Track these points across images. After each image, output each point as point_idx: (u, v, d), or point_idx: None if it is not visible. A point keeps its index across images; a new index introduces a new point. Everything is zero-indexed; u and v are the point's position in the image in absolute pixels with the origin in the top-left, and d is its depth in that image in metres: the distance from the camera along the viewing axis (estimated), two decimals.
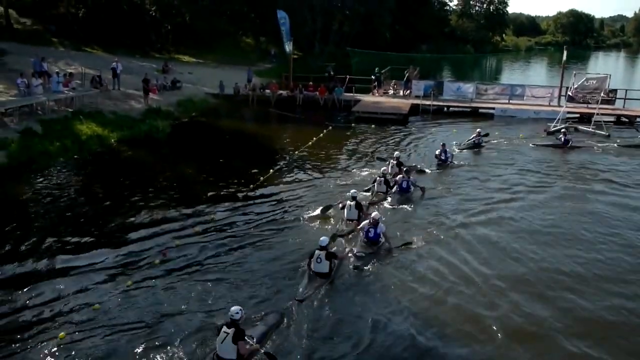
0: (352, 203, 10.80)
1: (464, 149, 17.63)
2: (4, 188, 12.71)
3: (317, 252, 8.73)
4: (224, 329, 6.54)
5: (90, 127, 16.92)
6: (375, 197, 12.38)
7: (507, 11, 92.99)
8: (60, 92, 18.79)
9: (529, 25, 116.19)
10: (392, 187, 12.58)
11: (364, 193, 12.45)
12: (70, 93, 19.11)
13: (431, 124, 22.36)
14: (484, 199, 12.78)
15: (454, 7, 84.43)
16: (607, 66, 49.32)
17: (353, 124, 21.63)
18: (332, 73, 28.23)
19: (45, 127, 16.18)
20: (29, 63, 23.61)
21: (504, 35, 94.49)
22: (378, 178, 12.61)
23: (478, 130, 18.28)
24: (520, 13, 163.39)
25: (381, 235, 9.82)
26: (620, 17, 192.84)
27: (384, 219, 10.44)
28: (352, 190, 11.18)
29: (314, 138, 18.63)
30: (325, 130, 19.89)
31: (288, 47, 26.91)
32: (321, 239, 8.91)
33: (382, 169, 13.30)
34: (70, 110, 18.57)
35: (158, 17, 36.56)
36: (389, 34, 52.91)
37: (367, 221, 9.86)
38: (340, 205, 11.13)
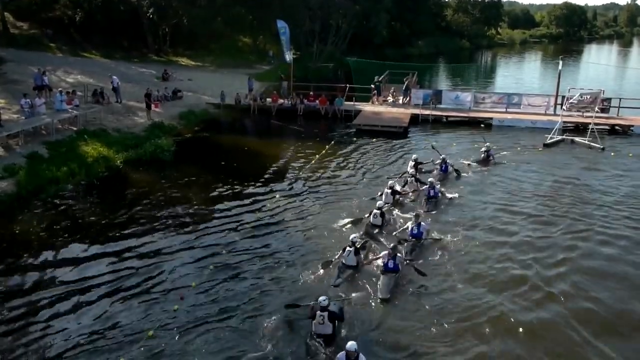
0: (324, 314, 8.43)
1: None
2: (15, 220, 12.75)
3: None
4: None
5: (95, 148, 16.96)
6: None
7: (501, 3, 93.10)
8: (64, 111, 18.81)
9: (523, 18, 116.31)
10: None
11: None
12: (73, 112, 19.11)
13: (432, 135, 22.63)
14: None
15: (449, 1, 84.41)
16: (598, 72, 49.08)
17: (354, 138, 21.79)
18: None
19: (51, 150, 16.23)
20: (28, 72, 23.57)
21: (499, 28, 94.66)
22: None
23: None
24: (514, 1, 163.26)
25: None
26: (613, 5, 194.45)
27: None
28: (321, 298, 8.56)
29: (317, 155, 18.84)
30: (327, 146, 20.10)
31: (288, 56, 26.99)
32: None
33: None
34: (74, 128, 18.62)
35: (155, 19, 36.26)
36: (386, 31, 52.95)
37: (343, 353, 7.64)
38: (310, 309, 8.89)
